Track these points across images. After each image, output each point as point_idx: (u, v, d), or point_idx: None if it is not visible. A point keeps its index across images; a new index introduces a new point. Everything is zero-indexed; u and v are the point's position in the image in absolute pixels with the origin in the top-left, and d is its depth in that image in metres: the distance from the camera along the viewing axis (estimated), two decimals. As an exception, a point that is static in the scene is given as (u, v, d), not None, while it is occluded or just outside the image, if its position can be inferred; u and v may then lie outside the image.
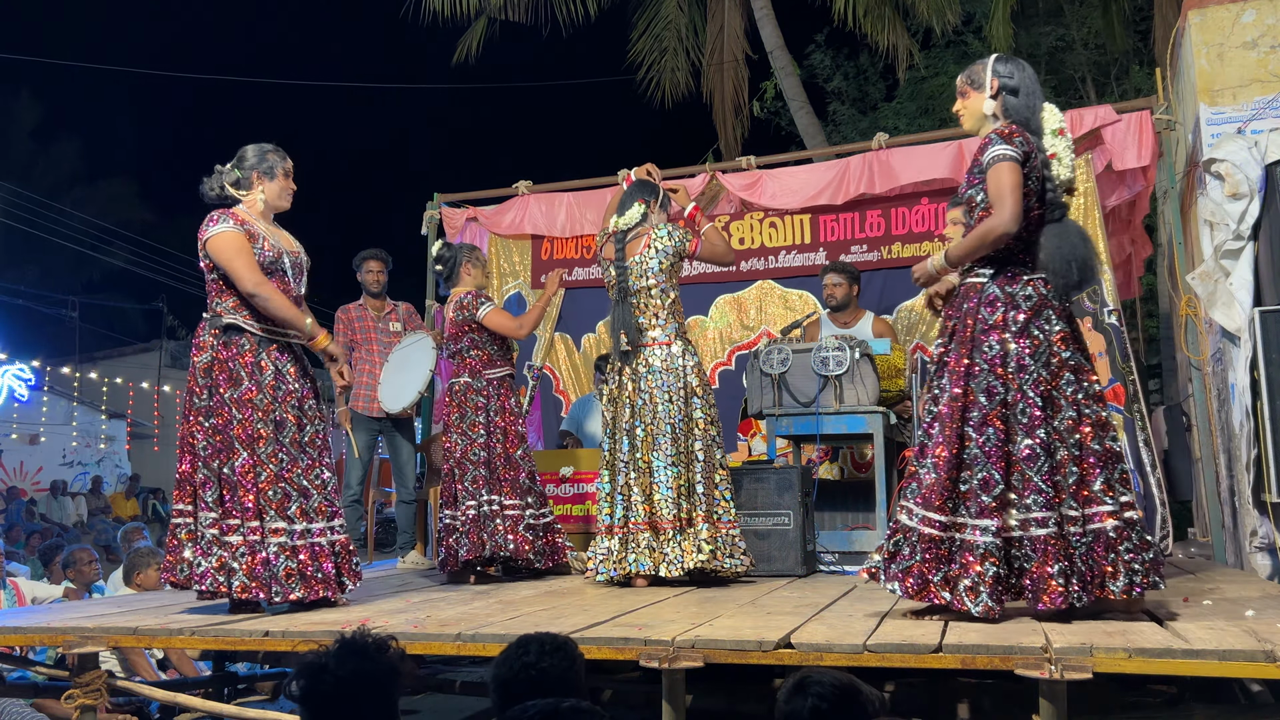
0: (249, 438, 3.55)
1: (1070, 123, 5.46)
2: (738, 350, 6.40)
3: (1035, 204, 3.08)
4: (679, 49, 12.36)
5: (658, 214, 4.55)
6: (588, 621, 3.17)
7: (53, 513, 15.10)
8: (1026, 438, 2.94)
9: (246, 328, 3.63)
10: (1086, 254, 3.03)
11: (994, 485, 2.92)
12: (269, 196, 3.76)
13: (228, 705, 3.94)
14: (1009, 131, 3.07)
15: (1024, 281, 3.05)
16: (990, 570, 2.87)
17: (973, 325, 3.05)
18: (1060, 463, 2.95)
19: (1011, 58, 3.25)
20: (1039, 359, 2.98)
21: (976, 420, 2.98)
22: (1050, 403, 2.97)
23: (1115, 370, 5.30)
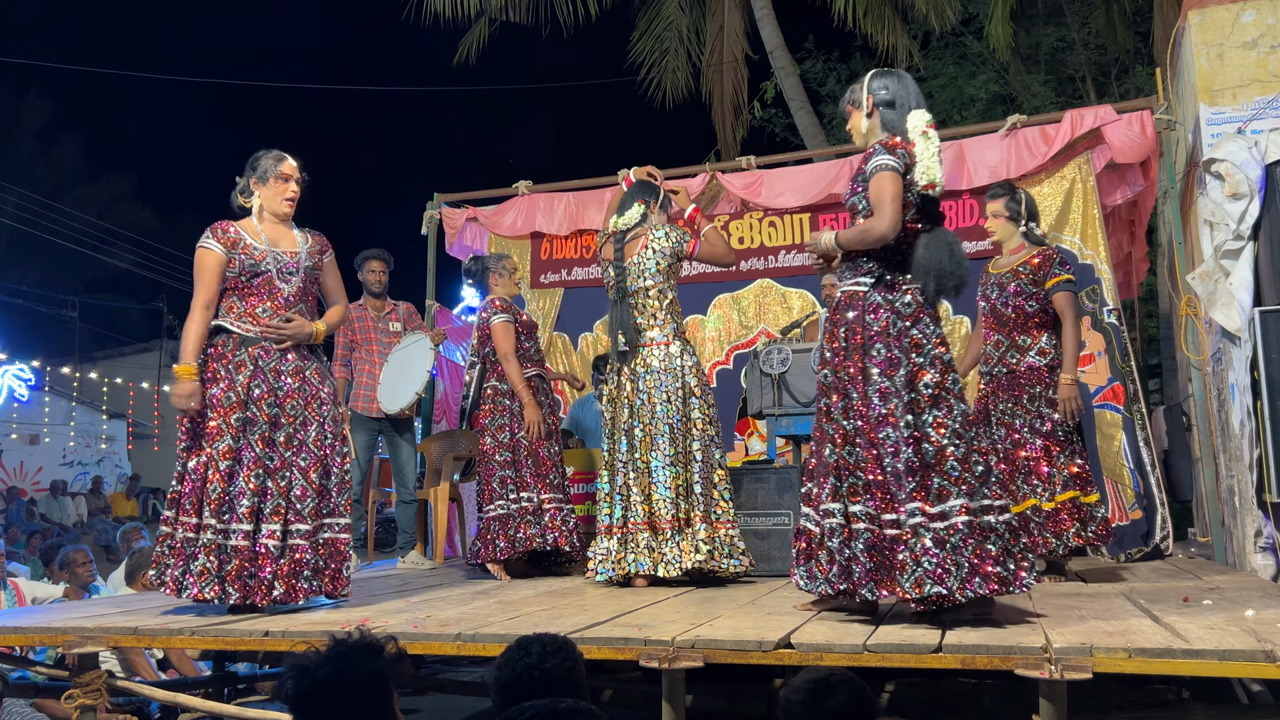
0: (210, 434, 3.62)
1: (1070, 122, 5.49)
2: (736, 350, 6.40)
3: (914, 214, 3.19)
4: (680, 49, 12.36)
5: (657, 215, 4.55)
6: (588, 621, 3.17)
7: (53, 513, 15.10)
8: (925, 433, 3.02)
9: (232, 329, 3.72)
10: (949, 265, 3.13)
11: (905, 478, 2.98)
12: (264, 201, 3.82)
13: (228, 705, 3.94)
14: (892, 143, 3.18)
15: (902, 289, 3.16)
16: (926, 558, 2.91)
17: (861, 332, 3.17)
18: (962, 455, 3.02)
19: (889, 71, 3.35)
20: (925, 361, 3.08)
21: (876, 420, 3.07)
22: (939, 401, 3.05)
23: (1115, 369, 5.30)
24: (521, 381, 4.94)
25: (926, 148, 3.14)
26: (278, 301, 3.76)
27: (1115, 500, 5.17)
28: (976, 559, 2.88)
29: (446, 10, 11.60)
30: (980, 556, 2.88)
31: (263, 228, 3.80)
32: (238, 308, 3.73)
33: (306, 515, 3.66)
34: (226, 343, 3.70)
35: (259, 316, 3.73)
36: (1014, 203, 4.36)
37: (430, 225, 7.02)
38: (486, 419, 5.00)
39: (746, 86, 12.46)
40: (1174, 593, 3.58)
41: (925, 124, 3.17)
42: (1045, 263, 4.23)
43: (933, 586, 2.85)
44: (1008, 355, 4.29)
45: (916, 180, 3.14)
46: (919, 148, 3.15)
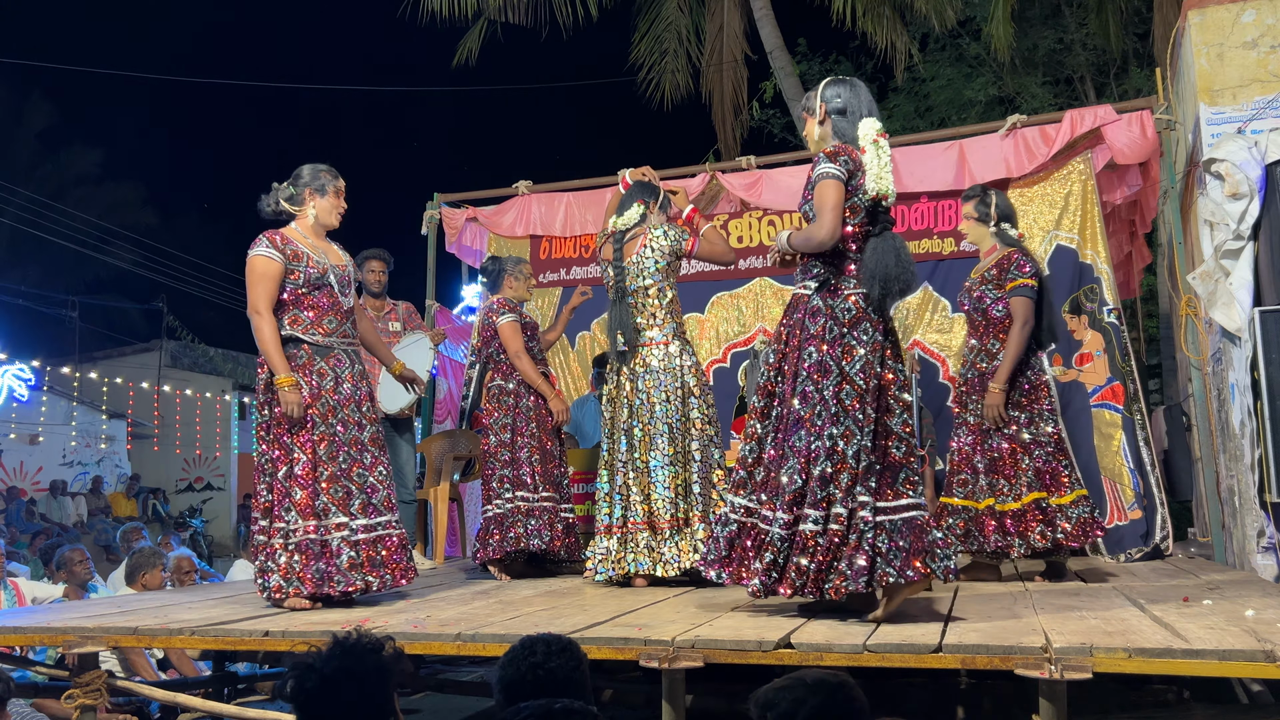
0: (308, 441, 3.75)
1: (1070, 123, 5.49)
2: (733, 348, 6.40)
3: (863, 219, 3.21)
4: (679, 50, 12.36)
5: (657, 215, 4.55)
6: (588, 621, 3.17)
7: (52, 513, 15.10)
8: (816, 439, 3.09)
9: (303, 339, 3.84)
10: (895, 269, 3.15)
11: (795, 483, 3.09)
12: (319, 213, 3.96)
13: (228, 705, 3.94)
14: (834, 151, 3.22)
15: (844, 295, 3.20)
16: (768, 558, 3.07)
17: (799, 334, 3.23)
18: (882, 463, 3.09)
19: (842, 79, 3.38)
20: (854, 367, 3.12)
21: (792, 422, 3.16)
22: (860, 407, 3.09)
23: (1115, 369, 5.30)
24: (538, 376, 4.97)
25: (877, 156, 3.17)
26: (340, 313, 3.93)
27: (1114, 500, 5.17)
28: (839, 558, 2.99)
29: (444, 10, 11.60)
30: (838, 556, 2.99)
31: (313, 241, 3.93)
32: (303, 319, 3.85)
33: (384, 508, 3.86)
34: (299, 354, 3.82)
35: (326, 327, 3.87)
36: (983, 205, 4.39)
37: (430, 225, 7.02)
38: (488, 418, 5.01)
39: (746, 86, 12.46)
40: (1174, 593, 3.59)
41: (875, 133, 3.20)
42: (1006, 264, 4.25)
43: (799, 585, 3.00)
44: (978, 359, 4.34)
45: (867, 188, 3.17)
46: (869, 156, 3.18)
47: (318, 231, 3.98)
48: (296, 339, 3.83)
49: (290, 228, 3.93)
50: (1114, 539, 5.07)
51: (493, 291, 5.23)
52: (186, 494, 19.39)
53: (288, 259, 3.81)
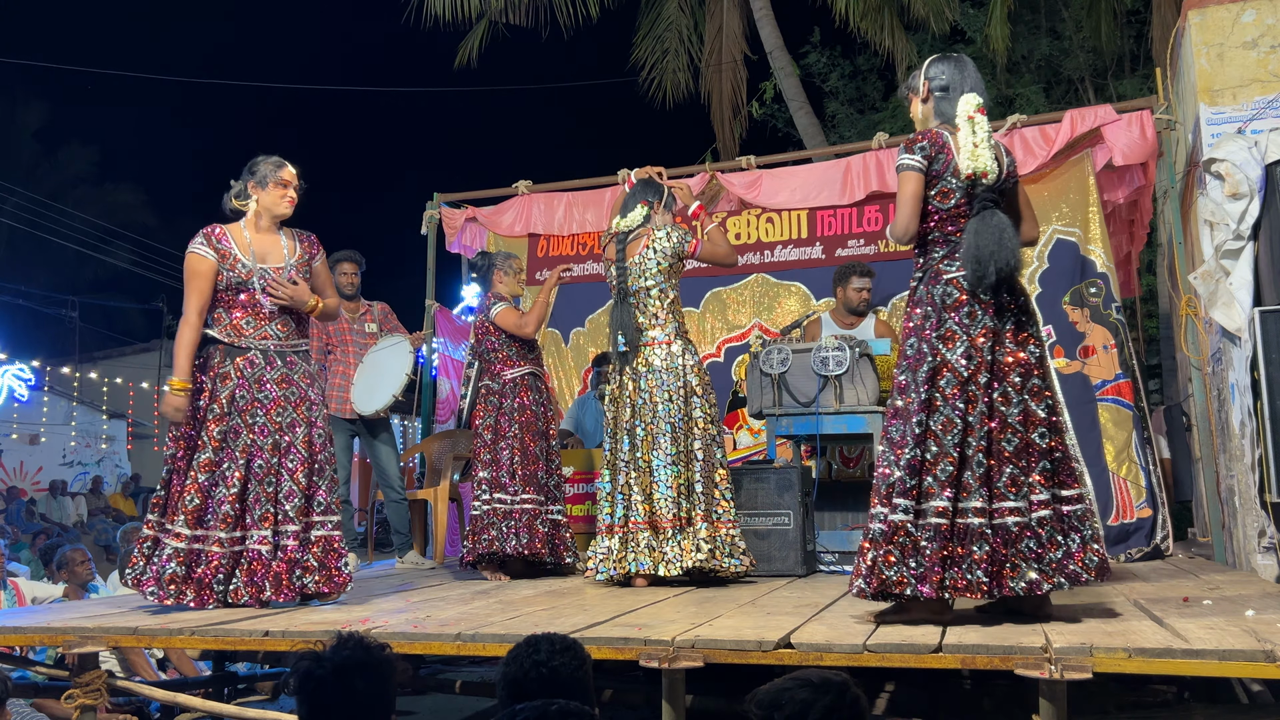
0: (192, 447, 3.71)
1: (1070, 122, 5.49)
2: (727, 343, 6.40)
3: (960, 199, 3.10)
4: (680, 50, 12.36)
5: (661, 214, 4.55)
6: (588, 621, 3.17)
7: (52, 513, 15.10)
8: (919, 432, 2.98)
9: (219, 339, 3.78)
10: (996, 249, 3.00)
11: (888, 476, 3.01)
12: (263, 205, 3.88)
13: (228, 705, 3.94)
14: (914, 139, 3.14)
15: (944, 280, 3.10)
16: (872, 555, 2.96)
17: (907, 326, 3.19)
18: (992, 455, 2.95)
19: (946, 56, 3.30)
20: (954, 353, 3.01)
21: (891, 412, 3.11)
22: (961, 393, 2.98)
23: (1125, 366, 5.30)
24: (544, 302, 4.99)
25: (972, 133, 3.05)
26: (261, 316, 3.84)
27: (1123, 497, 5.15)
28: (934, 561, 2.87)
29: (446, 13, 11.59)
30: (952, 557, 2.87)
31: (253, 237, 3.86)
32: (224, 318, 3.80)
33: (294, 515, 3.72)
34: (214, 354, 3.76)
35: (243, 328, 3.80)
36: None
37: (430, 225, 7.02)
38: (476, 418, 5.00)
39: (745, 87, 12.45)
40: (1174, 593, 3.58)
41: (974, 108, 3.08)
42: None
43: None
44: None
45: (961, 169, 3.05)
46: (962, 135, 3.07)
47: (267, 226, 3.89)
48: (212, 339, 3.78)
49: (235, 224, 3.88)
50: (1117, 538, 5.06)
51: (484, 287, 5.21)
52: (186, 494, 19.36)
53: (219, 257, 3.77)
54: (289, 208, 3.92)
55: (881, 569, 2.92)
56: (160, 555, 3.64)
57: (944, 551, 2.88)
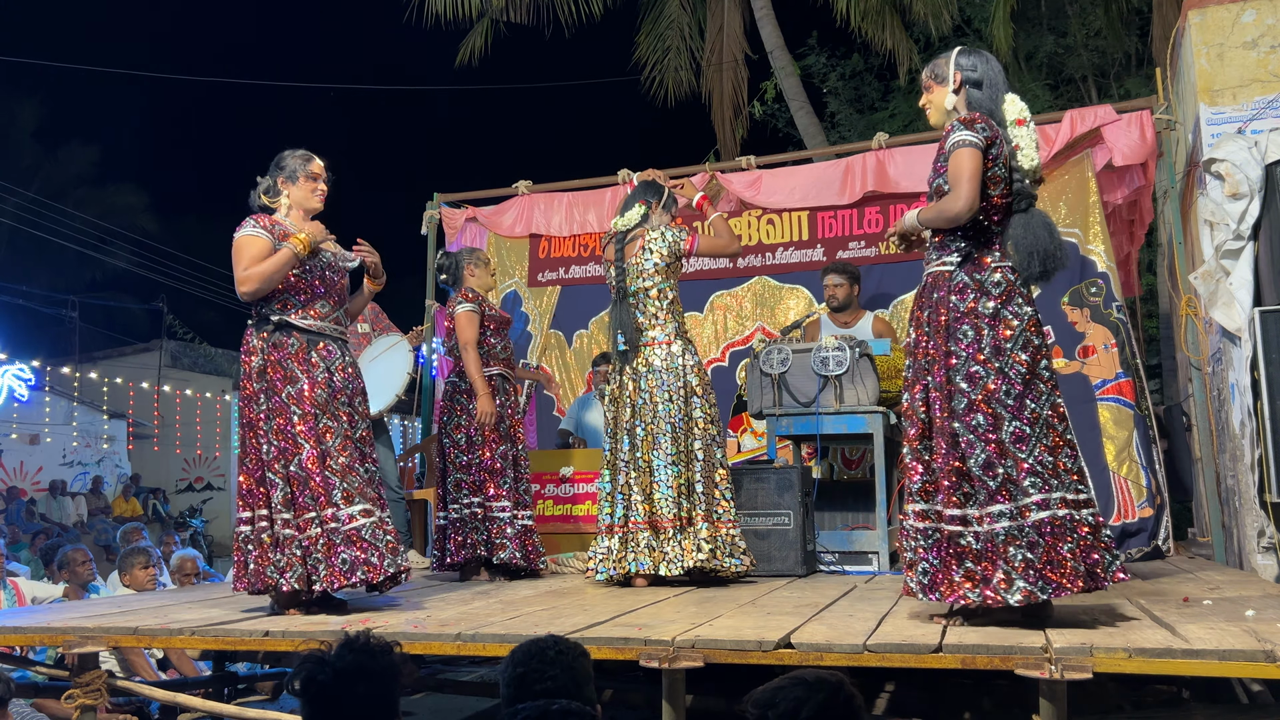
0: (311, 431, 3.58)
1: (1070, 122, 5.49)
2: (732, 346, 6.40)
3: (1003, 191, 3.08)
4: (682, 49, 12.36)
5: (659, 214, 4.55)
6: (588, 621, 3.17)
7: (52, 513, 15.10)
8: (1015, 420, 2.91)
9: (296, 324, 3.68)
10: (1050, 245, 3.01)
11: (995, 469, 2.88)
12: (295, 200, 3.81)
13: (228, 705, 3.94)
14: (971, 119, 3.06)
15: (991, 268, 3.04)
16: (1019, 555, 2.80)
17: (946, 314, 3.04)
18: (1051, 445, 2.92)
19: (975, 50, 3.24)
20: (1015, 343, 2.96)
21: (963, 408, 2.95)
22: (1031, 386, 2.94)
23: (1126, 364, 5.29)
24: (478, 372, 4.80)
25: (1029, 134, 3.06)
26: (334, 298, 3.79)
27: (1124, 497, 5.15)
28: (1059, 558, 2.78)
29: (448, 12, 11.60)
30: (1061, 556, 2.79)
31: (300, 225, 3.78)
32: (295, 304, 3.70)
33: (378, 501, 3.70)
34: (292, 341, 3.66)
35: (320, 312, 3.73)
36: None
37: (430, 225, 7.02)
38: (444, 415, 4.92)
39: (746, 86, 12.45)
40: (1174, 593, 3.58)
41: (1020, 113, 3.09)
42: None
43: (1020, 586, 2.75)
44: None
45: (1016, 163, 3.05)
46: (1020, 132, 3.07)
47: (299, 221, 3.81)
48: (288, 325, 3.67)
49: (275, 216, 3.80)
50: (1118, 538, 5.06)
51: (455, 287, 5.11)
52: (186, 494, 19.39)
53: (276, 238, 3.67)
54: (320, 202, 3.86)
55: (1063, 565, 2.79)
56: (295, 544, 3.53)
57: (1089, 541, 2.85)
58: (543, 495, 5.64)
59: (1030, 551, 2.80)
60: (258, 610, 3.69)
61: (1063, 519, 2.82)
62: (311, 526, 3.54)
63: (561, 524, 5.59)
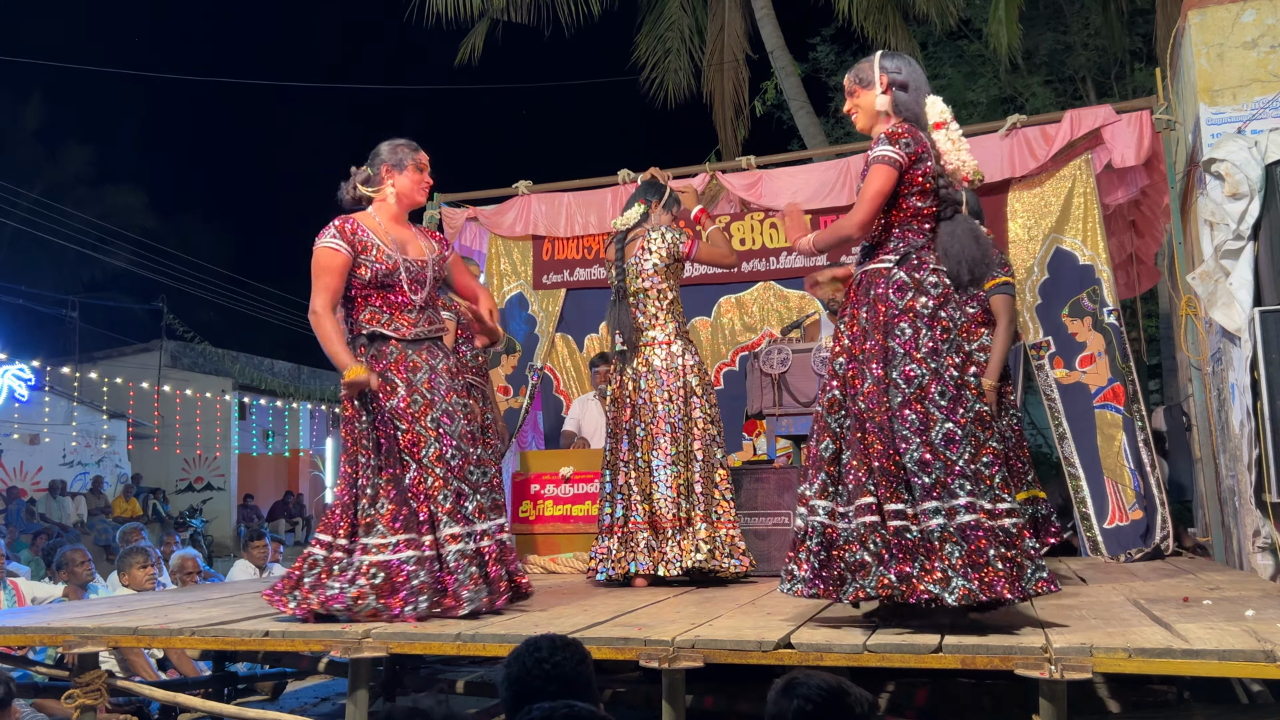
0: (413, 445, 3.43)
1: (1070, 123, 5.48)
2: (741, 350, 6.40)
3: (933, 201, 3.10)
4: (682, 49, 12.36)
5: (659, 214, 4.54)
6: (588, 621, 3.17)
7: (52, 513, 15.11)
8: (947, 422, 2.90)
9: (390, 334, 3.54)
10: (976, 253, 3.04)
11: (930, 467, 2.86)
12: (400, 190, 3.66)
13: (228, 705, 3.94)
14: (897, 133, 3.06)
15: (930, 269, 3.05)
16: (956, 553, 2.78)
17: (884, 310, 3.02)
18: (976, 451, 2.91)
19: (898, 53, 3.26)
20: (950, 346, 2.97)
21: (899, 404, 2.93)
22: (961, 390, 2.95)
23: (1115, 370, 5.30)
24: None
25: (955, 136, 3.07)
26: (416, 308, 3.60)
27: (1116, 501, 5.17)
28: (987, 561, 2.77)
29: (449, 11, 11.60)
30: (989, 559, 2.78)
31: (387, 226, 3.63)
32: (381, 316, 3.55)
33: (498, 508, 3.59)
34: (391, 349, 3.51)
35: (410, 320, 3.57)
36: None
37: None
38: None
39: (747, 86, 12.45)
40: (1174, 593, 3.58)
41: (940, 116, 3.09)
42: None
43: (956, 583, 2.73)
44: None
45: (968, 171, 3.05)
46: (943, 134, 3.07)
47: (398, 215, 3.66)
48: (383, 335, 3.53)
49: (367, 213, 3.64)
50: (1114, 539, 5.07)
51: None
52: (186, 494, 19.39)
53: (356, 251, 3.51)
54: (424, 195, 3.73)
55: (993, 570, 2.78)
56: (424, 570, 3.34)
57: (1012, 551, 2.82)
58: (543, 495, 5.64)
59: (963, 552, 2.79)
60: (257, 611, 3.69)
61: (988, 525, 2.82)
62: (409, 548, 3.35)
63: (561, 524, 5.58)
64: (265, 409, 20.63)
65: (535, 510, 5.39)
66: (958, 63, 13.27)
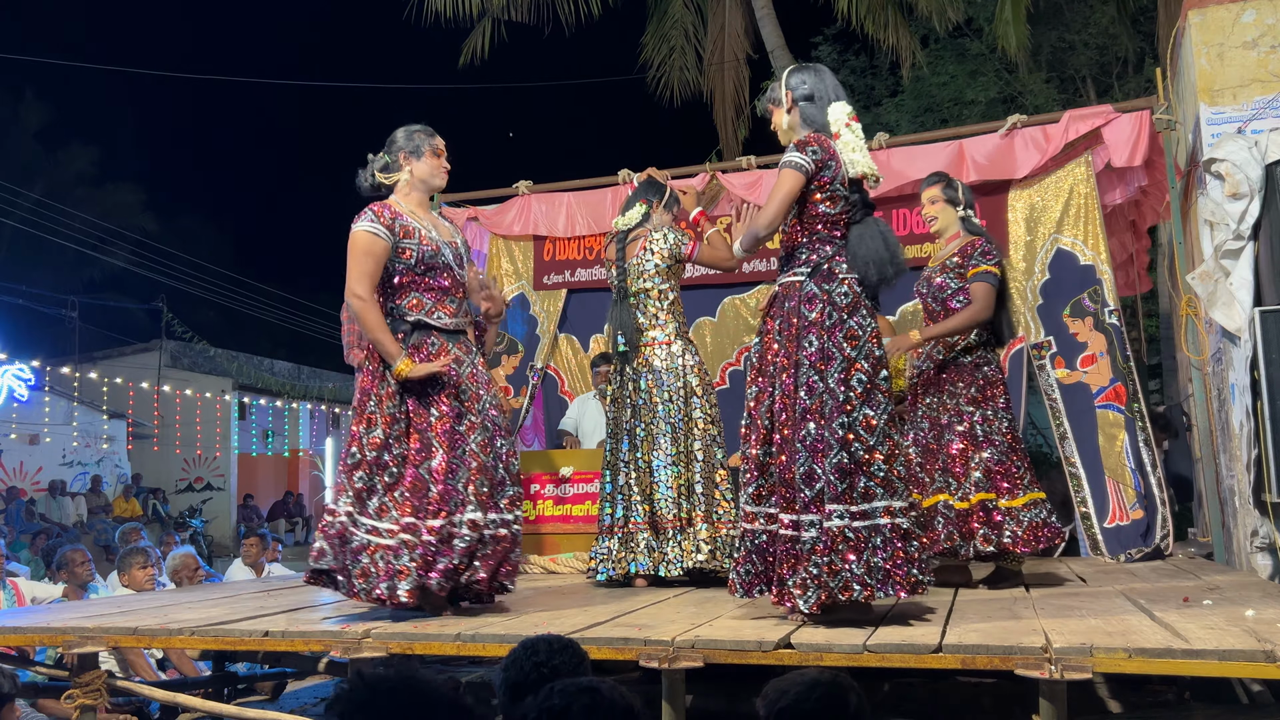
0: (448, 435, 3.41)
1: (1070, 123, 5.48)
2: (745, 351, 6.39)
3: (844, 206, 3.21)
4: (687, 48, 12.37)
5: (660, 214, 4.54)
6: (588, 621, 3.17)
7: (52, 513, 15.11)
8: (845, 428, 3.01)
9: (434, 324, 3.51)
10: (885, 254, 3.17)
11: (815, 480, 2.99)
12: (419, 176, 3.62)
13: (228, 705, 3.94)
14: (805, 141, 3.18)
15: (839, 279, 3.16)
16: (861, 556, 2.94)
17: (796, 323, 3.15)
18: (888, 454, 3.04)
19: (805, 66, 3.37)
20: (859, 353, 3.07)
21: (799, 415, 3.06)
22: (870, 395, 3.06)
23: (1116, 370, 5.30)
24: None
25: (854, 137, 3.18)
26: (458, 293, 3.60)
27: (1117, 500, 5.17)
28: (892, 563, 2.93)
29: (448, 10, 11.59)
30: (896, 561, 2.94)
31: (418, 213, 3.60)
32: (426, 303, 3.51)
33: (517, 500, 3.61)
34: (433, 341, 3.48)
35: (451, 309, 3.56)
36: (950, 189, 4.30)
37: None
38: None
39: (748, 86, 12.46)
40: (1174, 593, 3.58)
41: (847, 116, 3.20)
42: (970, 250, 4.17)
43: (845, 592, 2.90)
44: (934, 350, 4.25)
45: (845, 173, 3.17)
46: (843, 139, 3.18)
47: (421, 201, 3.62)
48: (426, 325, 3.49)
49: (393, 200, 3.58)
50: (1114, 538, 5.07)
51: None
52: (186, 494, 19.40)
53: (396, 236, 3.45)
54: (444, 180, 3.69)
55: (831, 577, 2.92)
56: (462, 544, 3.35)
57: (904, 551, 2.98)
58: (542, 495, 5.64)
59: (872, 552, 2.93)
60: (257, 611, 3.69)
61: (891, 526, 2.96)
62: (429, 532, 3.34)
63: (561, 524, 5.58)
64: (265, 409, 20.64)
65: (535, 510, 5.39)
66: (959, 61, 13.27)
